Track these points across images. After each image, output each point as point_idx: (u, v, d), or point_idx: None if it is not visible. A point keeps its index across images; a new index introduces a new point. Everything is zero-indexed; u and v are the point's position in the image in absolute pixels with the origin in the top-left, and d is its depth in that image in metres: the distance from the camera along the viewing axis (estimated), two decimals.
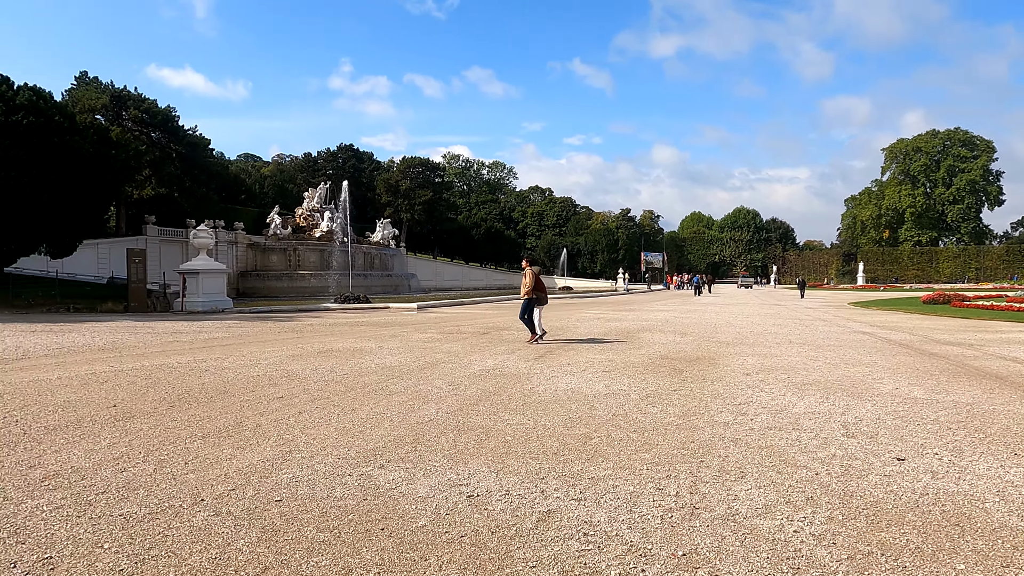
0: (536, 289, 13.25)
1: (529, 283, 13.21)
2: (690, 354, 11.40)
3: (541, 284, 13.45)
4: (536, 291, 13.25)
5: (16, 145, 21.43)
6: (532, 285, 13.18)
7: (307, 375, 8.73)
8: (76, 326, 15.83)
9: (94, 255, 45.06)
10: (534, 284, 13.21)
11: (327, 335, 14.63)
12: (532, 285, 13.18)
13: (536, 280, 13.29)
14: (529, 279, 13.24)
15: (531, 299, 13.22)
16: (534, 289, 13.20)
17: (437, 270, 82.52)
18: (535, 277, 13.29)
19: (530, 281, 13.21)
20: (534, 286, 13.20)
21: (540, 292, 13.37)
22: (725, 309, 28.01)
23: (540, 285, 13.40)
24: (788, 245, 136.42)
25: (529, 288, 13.18)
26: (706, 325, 18.32)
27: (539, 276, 13.51)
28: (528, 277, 13.27)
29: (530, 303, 13.24)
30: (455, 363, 9.98)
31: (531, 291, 13.17)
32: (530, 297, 13.20)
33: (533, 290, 13.18)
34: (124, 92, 54.41)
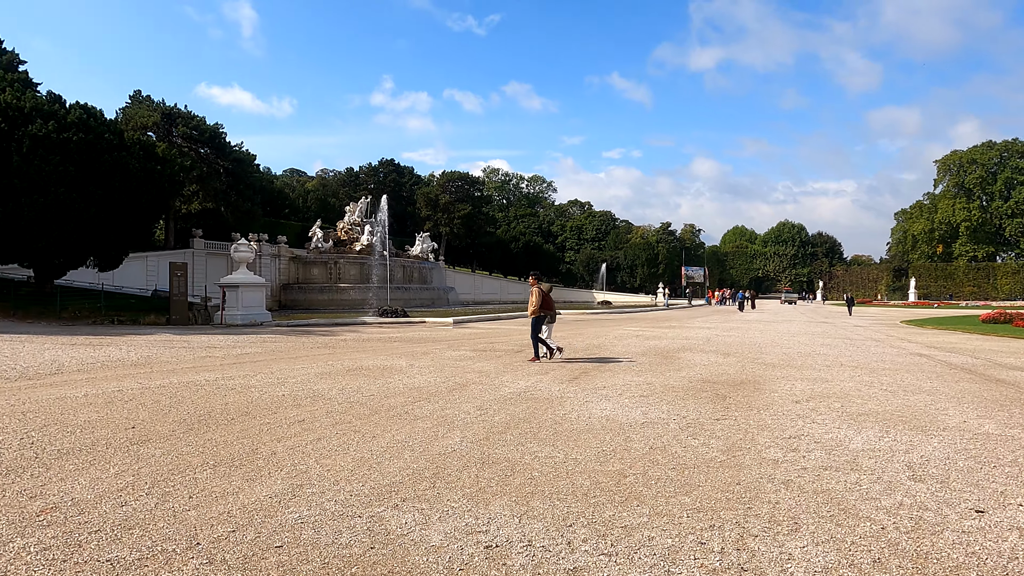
0: (543, 307, 12.81)
1: (535, 302, 12.77)
2: (734, 377, 10.80)
3: (549, 301, 13.02)
4: (543, 309, 12.82)
5: (66, 161, 22.03)
6: (539, 304, 12.75)
7: (333, 396, 8.47)
8: (115, 339, 16.01)
9: (142, 268, 46.32)
10: (541, 302, 12.77)
11: (359, 351, 14.44)
12: (539, 304, 12.75)
13: (543, 298, 12.85)
14: (535, 297, 12.79)
15: (539, 318, 12.78)
16: (541, 307, 12.77)
17: (475, 283, 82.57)
18: (542, 295, 12.84)
19: (536, 300, 12.78)
20: (541, 304, 12.76)
21: (548, 310, 12.94)
22: (770, 327, 27.05)
23: (548, 303, 12.96)
24: (835, 260, 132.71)
25: (536, 307, 12.74)
26: (750, 345, 17.59)
27: (547, 293, 13.06)
28: (534, 295, 12.83)
29: (538, 321, 12.80)
30: (485, 384, 9.61)
31: (538, 310, 12.74)
32: (537, 316, 12.77)
33: (540, 308, 12.75)
34: (174, 109, 56.08)
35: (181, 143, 56.22)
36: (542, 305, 12.78)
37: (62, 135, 22.24)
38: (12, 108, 22.05)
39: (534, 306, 12.74)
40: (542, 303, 12.78)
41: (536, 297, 12.78)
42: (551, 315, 13.07)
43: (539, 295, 12.79)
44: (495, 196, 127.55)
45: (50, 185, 21.49)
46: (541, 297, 12.80)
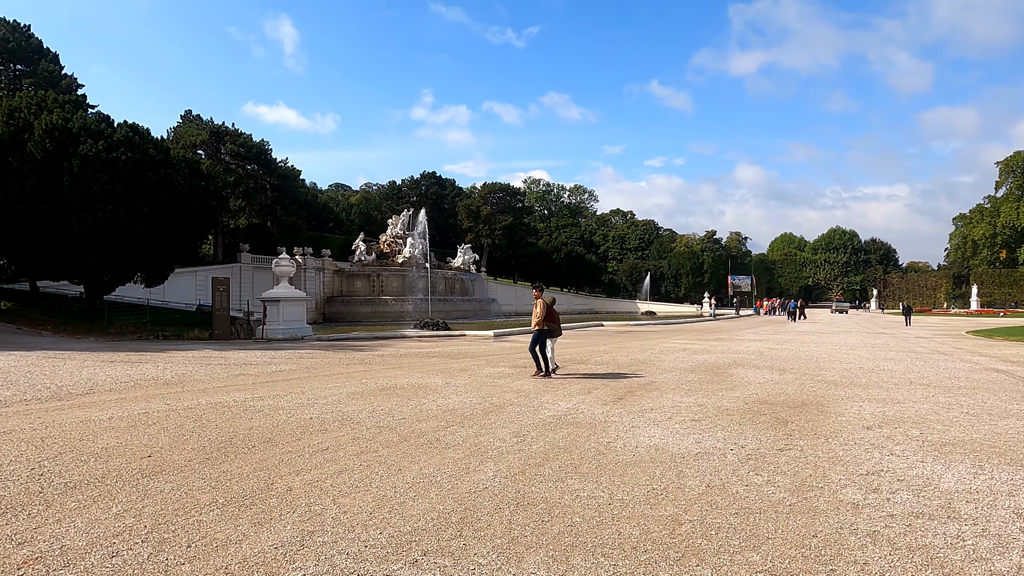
0: (548, 320, 12.42)
1: (540, 314, 12.38)
2: (793, 397, 9.97)
3: (554, 315, 12.65)
4: (548, 322, 12.42)
5: (114, 180, 22.45)
6: (543, 316, 12.36)
7: (362, 419, 8.02)
8: (155, 356, 16.00)
9: (190, 283, 47.32)
10: (545, 315, 12.38)
11: (395, 368, 14.04)
12: (543, 316, 12.36)
13: (548, 311, 12.47)
14: (540, 309, 12.40)
15: (542, 331, 12.38)
16: (545, 320, 12.38)
17: (517, 295, 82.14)
18: (546, 307, 12.46)
19: (540, 312, 12.39)
20: (545, 316, 12.37)
21: (552, 323, 12.53)
22: (825, 339, 25.75)
23: (552, 316, 12.58)
24: (890, 267, 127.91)
25: (540, 319, 12.35)
26: (807, 359, 16.57)
27: (551, 306, 12.67)
28: (539, 307, 12.44)
29: (540, 335, 12.41)
30: (524, 406, 9.03)
31: (542, 322, 12.35)
32: (540, 329, 12.37)
33: (544, 321, 12.36)
34: (222, 128, 57.43)
35: (229, 160, 57.52)
36: (548, 317, 12.42)
37: (110, 154, 22.69)
38: (61, 129, 22.61)
39: (538, 318, 12.37)
40: (547, 316, 12.41)
41: (541, 309, 12.40)
42: (555, 328, 12.68)
43: (544, 307, 12.43)
44: (536, 207, 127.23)
45: (98, 203, 21.90)
46: (546, 309, 12.44)
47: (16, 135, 22.73)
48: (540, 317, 12.36)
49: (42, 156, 22.23)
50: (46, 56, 57.11)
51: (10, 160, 22.38)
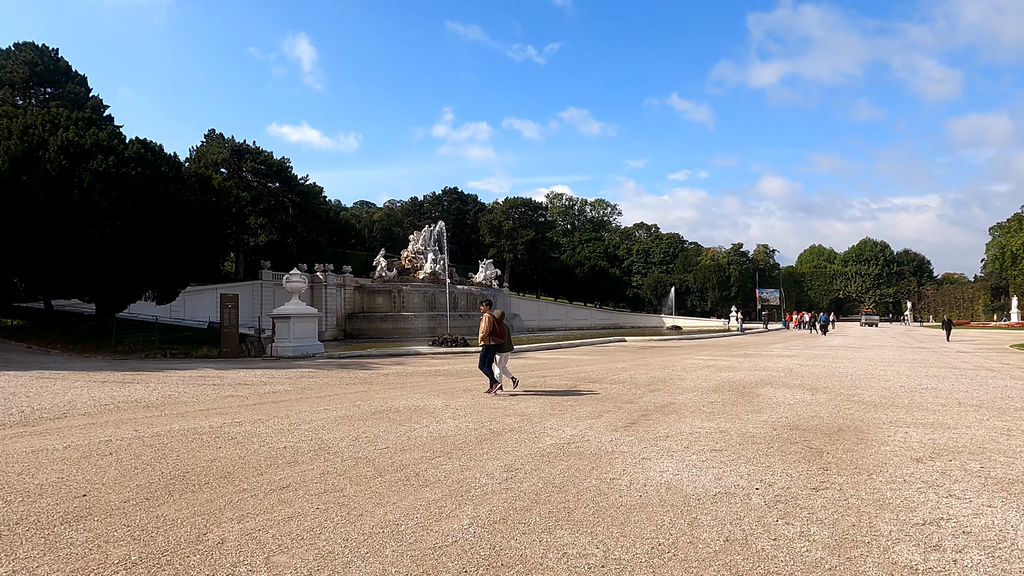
0: (493, 335, 12.17)
1: (484, 328, 12.13)
2: (828, 422, 8.91)
3: (501, 329, 12.37)
4: (494, 337, 12.18)
5: (123, 195, 22.17)
6: (487, 331, 12.11)
7: (341, 448, 7.20)
8: (151, 375, 15.41)
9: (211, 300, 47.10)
10: (490, 330, 12.13)
11: (397, 388, 13.24)
12: (487, 331, 12.11)
13: (493, 325, 12.19)
14: (485, 324, 12.15)
15: (489, 346, 12.21)
16: (491, 335, 12.13)
17: (540, 310, 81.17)
18: (492, 322, 12.18)
19: (485, 326, 12.14)
20: (491, 331, 12.12)
21: (499, 338, 12.27)
22: (860, 354, 24.37)
23: (499, 330, 12.30)
24: (924, 279, 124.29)
25: (484, 334, 12.12)
26: (841, 377, 15.39)
27: (498, 320, 12.37)
28: (484, 322, 12.17)
29: (488, 351, 12.26)
30: (524, 432, 8.13)
31: (487, 337, 12.12)
32: (487, 344, 12.19)
33: (490, 336, 12.12)
34: (243, 146, 57.79)
35: (251, 178, 57.81)
36: (493, 332, 12.14)
37: (120, 170, 22.44)
38: (74, 145, 22.43)
39: (483, 333, 12.12)
40: (493, 330, 12.12)
41: (486, 324, 12.13)
42: (504, 343, 12.41)
43: (490, 322, 12.15)
44: (559, 221, 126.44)
45: (107, 219, 21.61)
46: (492, 324, 12.16)
47: (30, 152, 22.60)
48: (485, 332, 12.12)
49: (56, 173, 22.03)
50: (73, 79, 58.14)
51: (23, 177, 22.21)
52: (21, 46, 58.24)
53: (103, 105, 58.90)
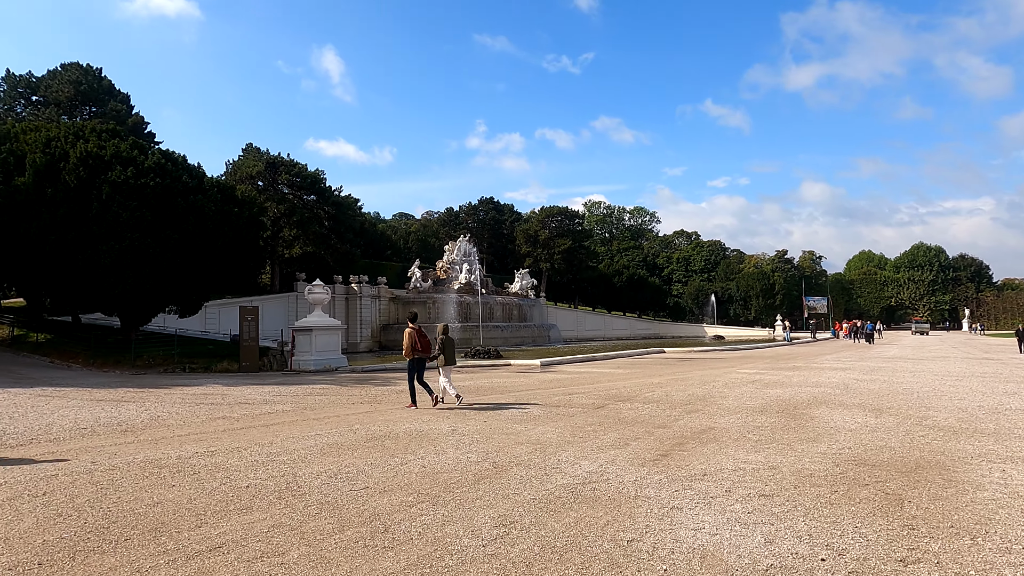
0: (416, 349, 12.12)
1: (406, 344, 12.18)
2: (901, 454, 7.42)
3: (425, 343, 12.32)
4: (417, 351, 12.13)
5: (143, 206, 21.74)
6: (408, 345, 12.13)
7: (312, 488, 6.07)
8: (155, 392, 14.64)
9: None
10: (412, 344, 12.11)
11: (404, 408, 12.12)
12: (408, 345, 12.13)
13: (415, 339, 12.17)
14: (406, 340, 12.20)
15: (412, 360, 12.16)
16: (412, 350, 12.08)
17: (578, 319, 79.51)
18: (413, 336, 12.20)
19: (406, 342, 12.18)
20: (412, 346, 12.10)
21: (423, 352, 12.22)
22: (921, 367, 22.32)
23: (422, 345, 12.23)
24: (982, 284, 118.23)
25: (406, 349, 12.15)
26: (906, 394, 13.67)
27: (421, 333, 12.35)
28: (406, 337, 12.23)
29: (412, 364, 12.19)
30: (533, 467, 6.87)
31: (408, 352, 12.11)
32: (411, 359, 12.14)
33: (412, 350, 12.07)
34: (277, 159, 58.05)
35: (286, 191, 58.00)
36: (415, 347, 12.08)
37: (139, 180, 22.03)
38: (93, 157, 22.12)
39: (404, 348, 12.19)
40: (414, 345, 12.08)
41: (407, 339, 12.18)
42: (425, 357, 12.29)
43: (411, 337, 12.18)
44: (596, 230, 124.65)
45: (126, 231, 21.17)
46: (413, 339, 12.16)
47: (52, 164, 22.40)
48: (406, 347, 12.11)
49: (75, 184, 21.73)
50: (116, 97, 59.37)
51: (47, 190, 21.98)
52: (67, 66, 59.71)
53: (144, 122, 60.01)
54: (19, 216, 22.05)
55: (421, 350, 12.19)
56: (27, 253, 22.39)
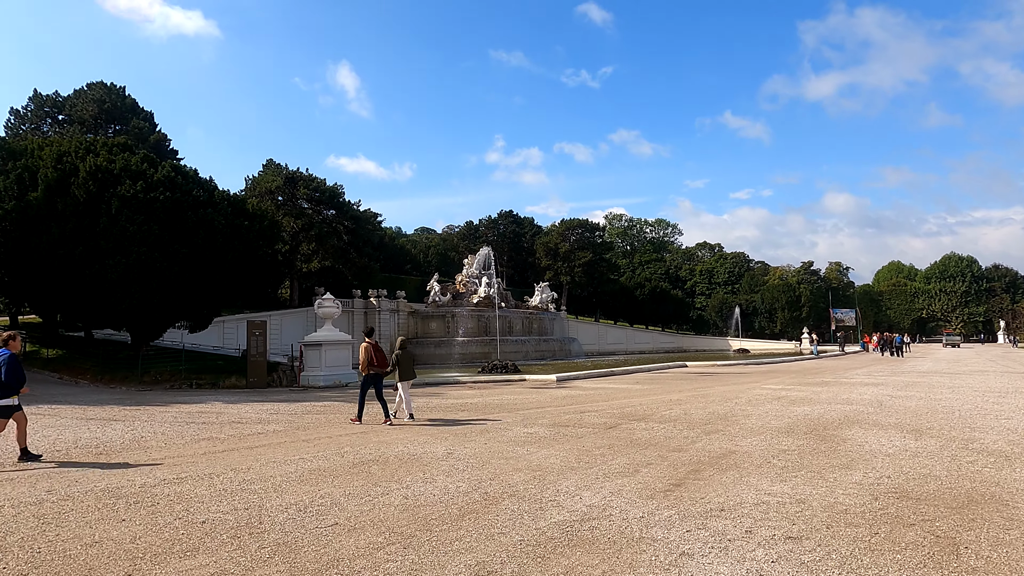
0: (372, 364, 12.22)
1: (362, 359, 12.28)
2: (949, 485, 6.51)
3: (381, 358, 12.39)
4: (373, 366, 12.22)
5: (151, 221, 21.48)
6: (364, 360, 12.23)
7: (274, 524, 5.38)
8: (148, 411, 14.12)
9: None
10: (368, 359, 12.21)
11: (406, 428, 11.42)
12: (364, 360, 12.23)
13: (371, 354, 12.24)
14: (362, 355, 12.29)
15: (371, 376, 12.23)
16: (368, 364, 12.19)
17: (600, 333, 78.38)
18: (369, 351, 12.24)
19: (362, 357, 12.26)
20: (368, 361, 12.21)
21: (379, 367, 12.31)
22: (959, 382, 21.07)
23: (377, 360, 12.31)
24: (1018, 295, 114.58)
25: (362, 363, 12.28)
26: (947, 413, 12.63)
27: (377, 348, 12.37)
28: (362, 352, 12.31)
29: (369, 380, 12.28)
30: (527, 500, 6.11)
31: (364, 367, 12.23)
32: (367, 374, 12.23)
33: (368, 366, 12.19)
34: (296, 173, 58.20)
35: (305, 205, 58.04)
36: (370, 362, 12.18)
37: (148, 194, 21.79)
38: (102, 171, 21.96)
39: (360, 363, 12.28)
40: (370, 360, 12.19)
41: (363, 354, 12.25)
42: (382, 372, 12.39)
43: (367, 351, 12.23)
44: (618, 242, 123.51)
45: (133, 245, 20.89)
46: (369, 354, 12.22)
47: (63, 179, 22.32)
48: (363, 361, 12.21)
49: (84, 199, 21.56)
50: (139, 115, 60.11)
51: (57, 205, 21.85)
52: (92, 85, 60.70)
53: (166, 139, 60.59)
54: (31, 231, 21.96)
55: (377, 365, 12.23)
56: (38, 269, 22.26)
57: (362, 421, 12.05)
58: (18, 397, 8.37)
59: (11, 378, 8.12)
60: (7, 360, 8.15)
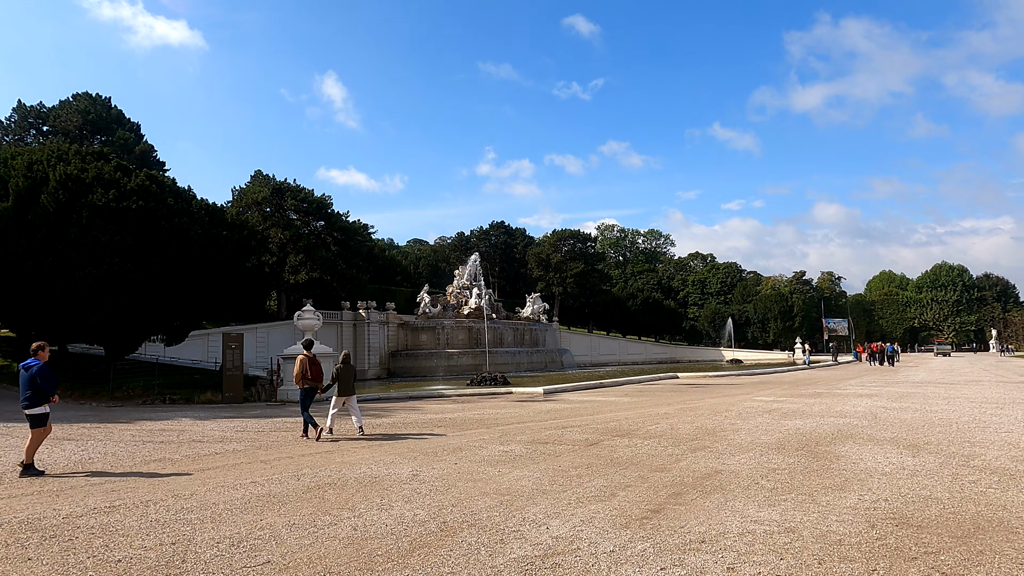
0: (308, 378, 11.88)
1: (296, 372, 11.99)
2: (952, 508, 5.95)
3: (316, 372, 12.05)
4: (308, 380, 11.88)
5: (124, 230, 20.82)
6: (298, 373, 11.91)
7: (197, 565, 4.76)
8: (109, 428, 13.44)
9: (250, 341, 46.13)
10: (302, 372, 11.90)
11: (373, 446, 10.79)
12: (298, 373, 11.91)
13: (307, 367, 11.93)
14: (296, 367, 12.02)
15: (308, 390, 11.89)
16: (303, 378, 11.87)
17: (592, 344, 77.66)
18: (304, 364, 11.95)
19: (296, 370, 11.99)
20: (303, 374, 11.88)
21: (314, 381, 11.97)
22: (954, 392, 20.58)
23: (312, 373, 11.97)
24: (1009, 304, 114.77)
25: (296, 377, 11.97)
26: (944, 426, 12.09)
27: (313, 362, 12.07)
28: (296, 365, 12.04)
29: (307, 394, 11.90)
30: (488, 530, 5.50)
31: (298, 380, 11.90)
32: (303, 388, 11.87)
33: (302, 379, 11.86)
34: (284, 184, 57.59)
35: (293, 216, 57.41)
36: (305, 375, 11.86)
37: (121, 203, 21.14)
38: (73, 179, 21.32)
39: (295, 375, 11.98)
40: (304, 373, 11.85)
41: (297, 367, 11.96)
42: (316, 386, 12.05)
43: (302, 364, 11.93)
44: (610, 253, 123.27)
45: (105, 255, 20.21)
46: (304, 367, 11.91)
47: (33, 188, 21.64)
48: (296, 374, 11.91)
49: (55, 208, 20.89)
50: (125, 125, 59.48)
51: (28, 216, 21.17)
52: (77, 96, 60.11)
53: (153, 150, 59.99)
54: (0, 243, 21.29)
55: (311, 379, 11.88)
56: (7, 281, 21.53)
57: (309, 436, 11.70)
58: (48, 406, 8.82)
59: (47, 386, 8.63)
60: (40, 369, 8.65)
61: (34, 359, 8.76)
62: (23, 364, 8.81)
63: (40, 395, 8.57)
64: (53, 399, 8.79)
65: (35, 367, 8.63)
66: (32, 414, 8.56)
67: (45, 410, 8.68)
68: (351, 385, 12.27)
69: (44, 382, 8.57)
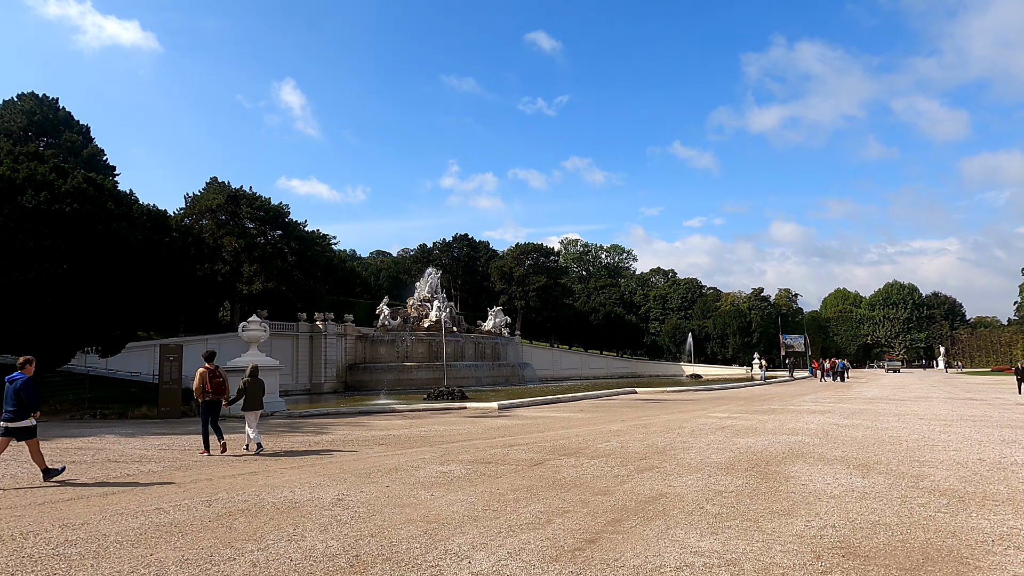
0: (207, 391, 11.40)
1: (196, 384, 11.46)
2: (900, 536, 5.63)
3: (217, 385, 11.55)
4: (207, 393, 11.40)
5: (56, 235, 19.67)
6: (198, 386, 11.41)
7: None
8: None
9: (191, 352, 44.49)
10: (201, 385, 11.40)
11: (305, 467, 10.12)
12: (198, 386, 11.41)
13: (206, 379, 11.42)
14: (196, 380, 11.48)
15: (209, 403, 11.46)
16: (203, 391, 11.40)
17: (555, 358, 77.35)
18: (204, 376, 11.44)
19: (196, 382, 11.46)
20: (202, 387, 11.39)
21: (215, 394, 11.50)
22: (904, 409, 20.73)
23: (212, 386, 11.46)
24: (956, 322, 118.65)
25: (196, 390, 11.47)
26: (894, 443, 11.96)
27: (214, 374, 11.59)
28: (196, 378, 11.51)
29: (208, 407, 11.47)
30: (404, 565, 4.95)
31: (198, 393, 11.42)
32: (206, 401, 11.43)
33: (202, 392, 11.40)
34: (239, 191, 56.07)
35: (249, 225, 55.86)
36: (204, 388, 11.37)
37: (54, 206, 20.00)
38: (4, 180, 20.08)
39: (196, 389, 11.43)
40: (203, 386, 11.38)
41: (198, 379, 11.43)
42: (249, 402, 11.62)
43: (201, 376, 11.43)
44: (573, 267, 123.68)
45: (33, 261, 19.04)
46: (204, 379, 11.42)
47: None
48: (196, 387, 11.42)
49: None
50: (73, 128, 57.28)
51: None
52: (23, 96, 57.77)
53: (101, 153, 57.85)
54: None
55: (212, 391, 11.43)
56: None
57: (209, 452, 11.34)
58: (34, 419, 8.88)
59: (31, 400, 8.69)
60: (24, 383, 8.67)
61: (20, 372, 8.81)
62: (8, 377, 8.85)
63: (24, 409, 8.65)
64: (35, 414, 8.84)
65: (20, 380, 8.68)
66: (17, 427, 8.64)
67: (31, 423, 8.79)
68: (259, 399, 11.80)
69: (28, 396, 8.66)
